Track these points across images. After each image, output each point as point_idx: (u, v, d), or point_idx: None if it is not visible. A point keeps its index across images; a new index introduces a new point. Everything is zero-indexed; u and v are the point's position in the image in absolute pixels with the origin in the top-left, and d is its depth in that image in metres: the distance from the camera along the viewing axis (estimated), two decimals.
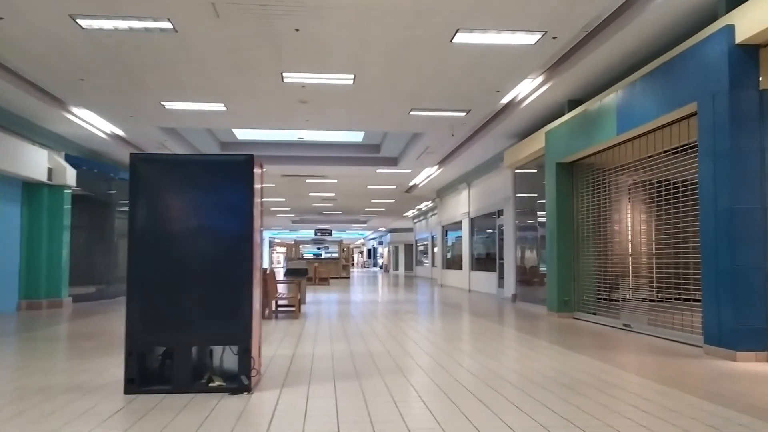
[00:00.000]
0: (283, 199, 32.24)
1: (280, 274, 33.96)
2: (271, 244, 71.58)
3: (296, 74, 10.91)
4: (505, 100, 12.79)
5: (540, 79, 11.25)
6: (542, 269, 14.21)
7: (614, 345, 8.33)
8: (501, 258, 18.69)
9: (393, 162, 21.27)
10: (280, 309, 13.22)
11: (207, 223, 5.34)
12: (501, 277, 18.73)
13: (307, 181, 24.61)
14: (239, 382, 5.27)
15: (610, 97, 9.90)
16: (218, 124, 15.02)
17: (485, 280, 20.80)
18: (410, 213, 40.21)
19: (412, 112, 13.62)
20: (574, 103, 11.89)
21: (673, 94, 8.09)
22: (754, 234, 6.94)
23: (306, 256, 43.51)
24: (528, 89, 11.91)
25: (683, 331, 8.32)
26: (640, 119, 8.95)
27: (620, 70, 10.09)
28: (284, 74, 10.86)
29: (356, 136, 19.66)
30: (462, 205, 23.70)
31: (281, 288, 16.29)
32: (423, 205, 34.86)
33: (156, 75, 10.91)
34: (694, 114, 7.91)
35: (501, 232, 18.71)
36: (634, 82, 9.12)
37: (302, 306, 15.06)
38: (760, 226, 6.94)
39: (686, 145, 8.34)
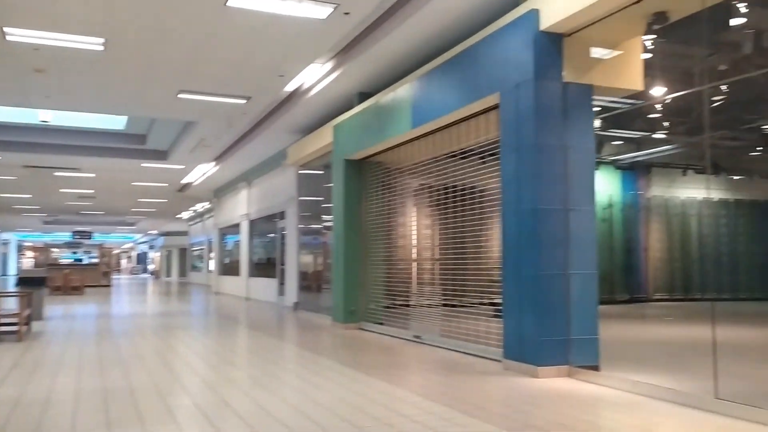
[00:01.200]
0: (29, 196, 27.58)
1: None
2: (21, 249, 62.55)
3: (24, 31, 8.49)
4: (290, 88, 11.47)
5: (330, 65, 10.12)
6: (327, 275, 13.14)
7: (407, 362, 7.40)
8: (282, 263, 17.35)
9: (162, 156, 18.85)
10: (1, 329, 10.42)
11: None
12: (282, 284, 17.38)
13: (56, 174, 21.00)
14: None
15: (405, 88, 9.06)
16: None
17: (265, 287, 19.29)
18: (185, 215, 37.19)
19: (181, 95, 11.69)
20: (365, 96, 10.93)
21: (474, 83, 7.38)
22: (557, 238, 6.38)
23: (63, 261, 38.41)
24: (316, 77, 10.73)
25: (478, 344, 7.64)
26: (437, 111, 8.18)
27: (417, 58, 9.24)
28: (6, 29, 8.39)
29: (117, 123, 16.97)
30: (241, 207, 21.95)
31: (9, 302, 13.22)
32: (199, 206, 32.28)
33: None
34: (496, 107, 7.24)
35: (283, 236, 17.38)
36: (432, 71, 8.34)
37: (35, 323, 12.23)
38: (563, 229, 6.41)
39: (482, 144, 7.70)
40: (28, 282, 12.53)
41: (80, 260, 43.58)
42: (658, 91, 10.63)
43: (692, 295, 17.33)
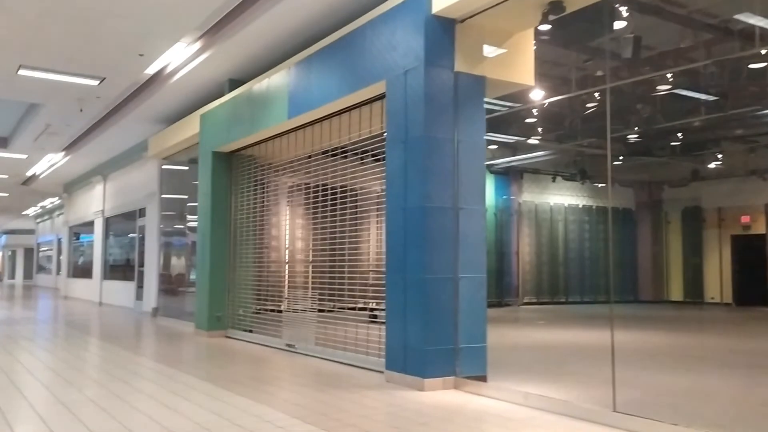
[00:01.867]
0: None
1: None
2: None
3: None
4: (151, 70, 10.29)
5: (197, 45, 9.13)
6: (192, 278, 12.04)
7: (279, 376, 6.66)
8: (141, 265, 15.86)
9: (2, 143, 16.66)
10: None
11: None
12: (140, 287, 15.89)
13: None
14: None
15: (282, 74, 8.31)
16: None
17: (121, 291, 17.59)
18: (31, 211, 33.75)
19: (21, 71, 10.14)
20: (236, 83, 10.01)
21: (358, 70, 6.78)
22: (446, 239, 5.92)
23: None
24: (181, 59, 9.67)
25: (358, 353, 7.04)
26: (317, 101, 7.50)
27: (296, 43, 8.44)
28: None
29: None
30: (95, 203, 20.00)
31: None
32: (48, 202, 29.34)
33: None
34: (382, 96, 6.66)
35: (143, 235, 15.90)
36: (312, 56, 7.65)
37: None
38: (452, 229, 5.96)
39: (364, 139, 7.13)
40: None
41: None
42: (537, 94, 10.65)
43: (558, 299, 17.92)
